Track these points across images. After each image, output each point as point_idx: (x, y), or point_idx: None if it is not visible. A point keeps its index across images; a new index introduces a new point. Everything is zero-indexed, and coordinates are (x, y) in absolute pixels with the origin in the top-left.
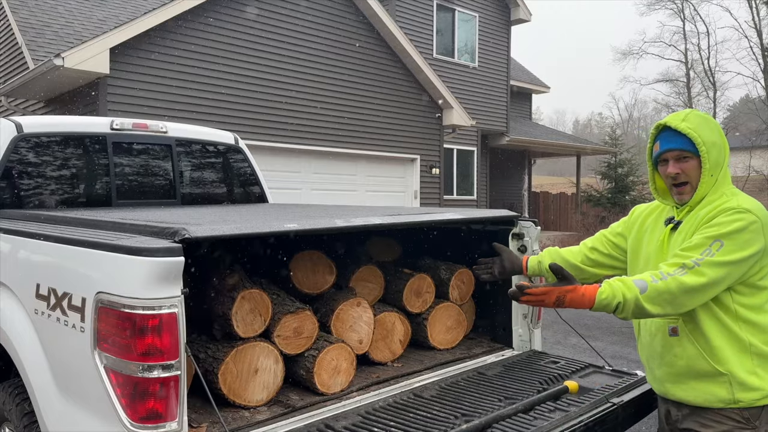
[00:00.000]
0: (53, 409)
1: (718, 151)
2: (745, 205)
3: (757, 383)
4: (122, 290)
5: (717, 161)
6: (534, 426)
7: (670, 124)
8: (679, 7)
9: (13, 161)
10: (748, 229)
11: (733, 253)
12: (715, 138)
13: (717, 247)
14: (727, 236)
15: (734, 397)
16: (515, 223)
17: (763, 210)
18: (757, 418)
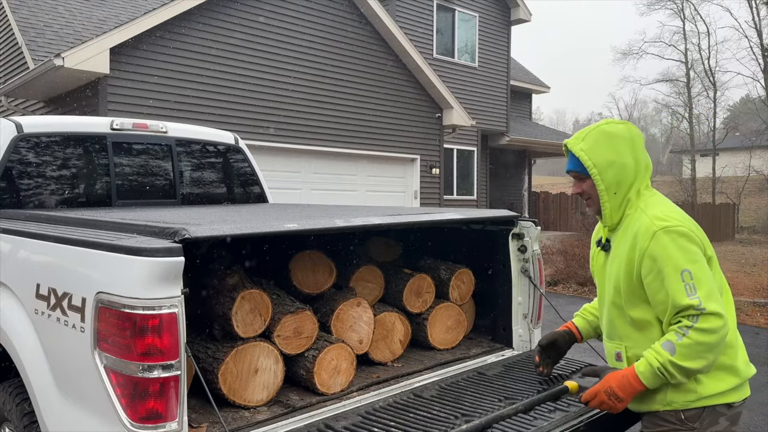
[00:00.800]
0: (53, 409)
1: (617, 170)
2: (667, 221)
3: (691, 386)
4: (122, 290)
5: (616, 180)
6: (534, 426)
7: (567, 144)
8: (679, 6)
9: (13, 161)
10: (685, 244)
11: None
12: (613, 157)
13: (689, 277)
14: (682, 262)
15: (667, 398)
16: (515, 223)
17: (676, 214)
18: (696, 420)
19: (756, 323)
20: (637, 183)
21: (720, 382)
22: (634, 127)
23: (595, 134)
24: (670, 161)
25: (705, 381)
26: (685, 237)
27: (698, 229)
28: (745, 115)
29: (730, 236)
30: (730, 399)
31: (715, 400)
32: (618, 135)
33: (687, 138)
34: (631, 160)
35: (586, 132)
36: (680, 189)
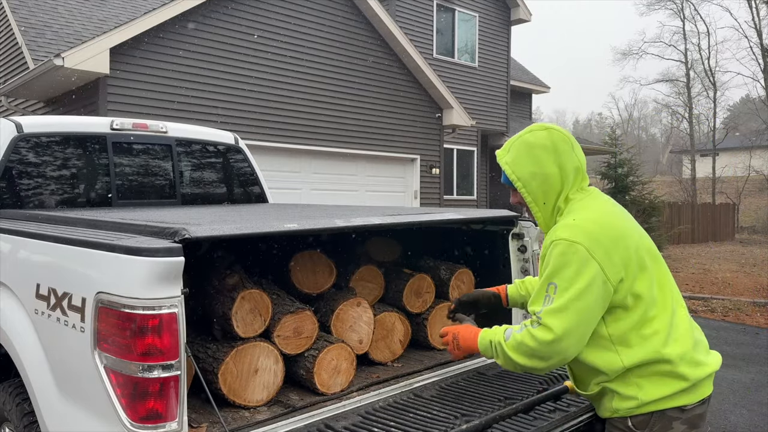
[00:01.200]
0: (53, 409)
1: (541, 181)
2: (563, 234)
3: (633, 392)
4: (122, 290)
5: (543, 190)
6: (534, 426)
7: (497, 155)
8: (679, 7)
9: (13, 161)
10: (569, 260)
11: (568, 290)
12: (535, 168)
13: (552, 290)
14: (555, 275)
15: (613, 406)
16: (515, 223)
17: (589, 229)
18: (645, 426)
19: (756, 323)
20: (565, 190)
21: (662, 387)
22: (558, 131)
23: (517, 145)
24: (670, 161)
25: (646, 386)
26: (572, 253)
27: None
28: (745, 115)
29: (730, 236)
30: (681, 402)
31: (661, 405)
32: (538, 144)
33: (687, 138)
34: (554, 169)
35: (511, 143)
36: (680, 189)
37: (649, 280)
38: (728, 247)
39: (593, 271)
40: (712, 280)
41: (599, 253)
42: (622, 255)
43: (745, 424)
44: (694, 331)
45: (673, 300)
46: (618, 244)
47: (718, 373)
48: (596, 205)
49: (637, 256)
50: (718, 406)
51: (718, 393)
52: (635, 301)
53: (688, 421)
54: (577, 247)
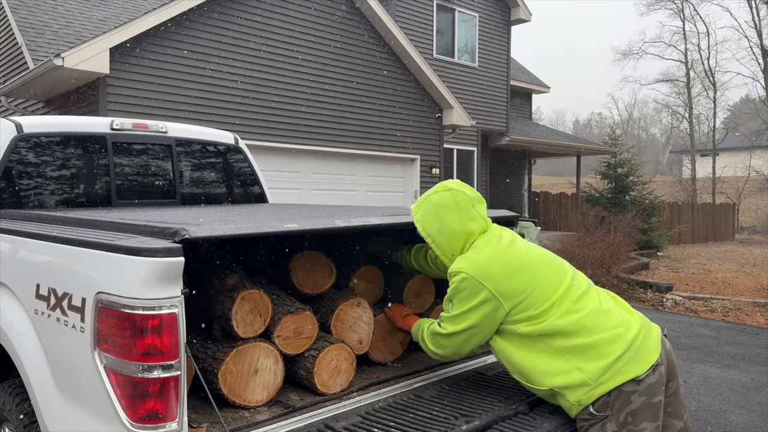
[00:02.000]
0: (53, 409)
1: (448, 236)
2: (457, 266)
3: (579, 378)
4: (122, 290)
5: (448, 245)
6: (534, 426)
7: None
8: (678, 7)
9: (13, 161)
10: (460, 287)
11: (459, 308)
12: (441, 226)
13: (449, 306)
14: (453, 296)
15: (571, 400)
16: (515, 223)
17: (480, 262)
18: (606, 407)
19: (756, 323)
20: (469, 241)
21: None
22: (460, 190)
23: (425, 205)
24: (670, 161)
25: (586, 366)
26: (463, 281)
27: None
28: (745, 115)
29: (730, 236)
30: (632, 374)
31: (614, 381)
32: (442, 204)
33: (687, 138)
34: (459, 226)
35: (420, 202)
36: (680, 189)
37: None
38: (728, 247)
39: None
40: (712, 280)
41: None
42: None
43: (745, 424)
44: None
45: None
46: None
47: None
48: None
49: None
50: (718, 406)
51: (718, 393)
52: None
53: (645, 392)
54: (466, 276)
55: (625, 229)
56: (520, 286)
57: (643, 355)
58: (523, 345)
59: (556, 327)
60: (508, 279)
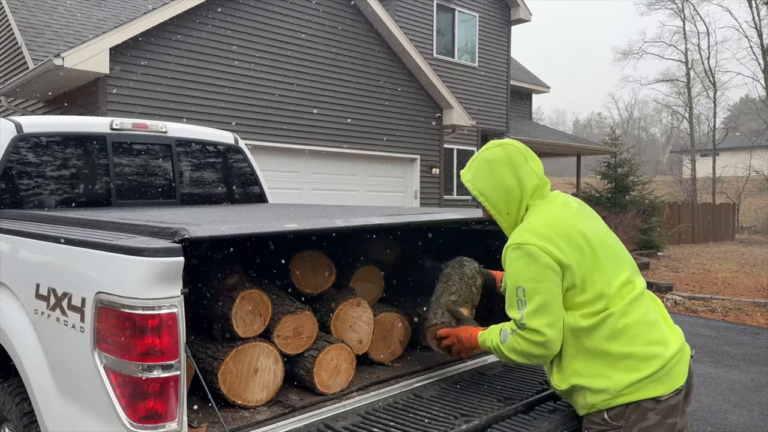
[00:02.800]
0: (53, 409)
1: (502, 194)
2: (518, 238)
3: (603, 385)
4: (122, 290)
5: (504, 203)
6: (534, 426)
7: (461, 176)
8: (679, 6)
9: (13, 161)
10: (527, 262)
11: (537, 291)
12: (495, 182)
13: (522, 294)
14: (519, 280)
15: (588, 402)
16: None
17: (541, 230)
18: (621, 418)
19: (756, 323)
20: (525, 199)
21: (629, 373)
22: (512, 145)
23: (476, 163)
24: (670, 161)
25: (614, 376)
26: (530, 256)
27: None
28: (745, 115)
29: (730, 236)
30: (655, 393)
31: (636, 396)
32: (495, 160)
33: (687, 138)
34: (513, 182)
35: (471, 162)
36: (680, 189)
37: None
38: (728, 247)
39: (551, 267)
40: (712, 280)
41: (554, 250)
42: (579, 253)
43: (745, 424)
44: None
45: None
46: (573, 242)
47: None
48: (549, 208)
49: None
50: (718, 406)
51: (718, 393)
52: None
53: (663, 411)
54: (531, 248)
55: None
56: (578, 262)
57: (671, 377)
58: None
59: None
60: (570, 250)
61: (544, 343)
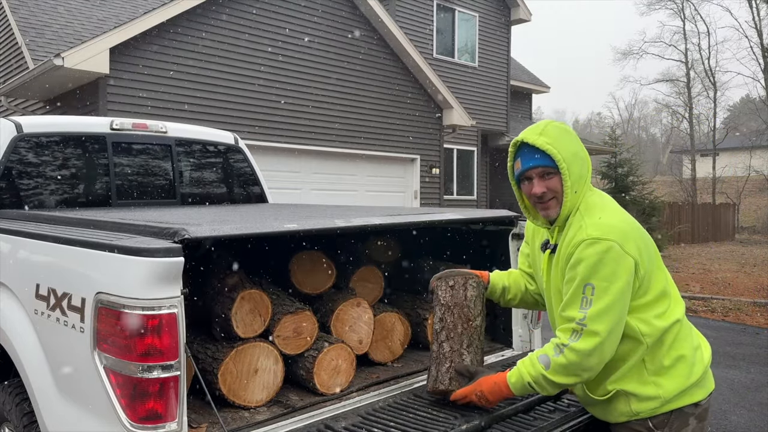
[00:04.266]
0: (53, 409)
1: (580, 164)
2: (596, 232)
3: (653, 392)
4: (122, 290)
5: (580, 175)
6: (534, 426)
7: (527, 140)
8: (679, 6)
9: (13, 161)
10: (605, 260)
11: (607, 291)
12: (576, 148)
13: (590, 292)
14: (591, 276)
15: (632, 409)
16: (515, 224)
17: (619, 227)
18: (664, 426)
19: (756, 323)
20: (588, 181)
21: (678, 381)
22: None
23: (552, 129)
24: (670, 161)
25: (664, 383)
26: (608, 253)
27: (639, 240)
28: (745, 115)
29: (730, 236)
30: (696, 398)
31: (680, 402)
32: (571, 131)
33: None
34: (586, 155)
35: (542, 127)
36: (680, 189)
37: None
38: (728, 247)
39: (629, 268)
40: (712, 280)
41: (632, 249)
42: (647, 251)
43: (745, 424)
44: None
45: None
46: (643, 240)
47: (718, 373)
48: (612, 204)
49: (654, 252)
50: (718, 406)
51: (718, 393)
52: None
53: (700, 416)
54: (612, 245)
55: None
56: (647, 261)
57: (707, 380)
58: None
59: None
60: (644, 248)
61: (600, 349)
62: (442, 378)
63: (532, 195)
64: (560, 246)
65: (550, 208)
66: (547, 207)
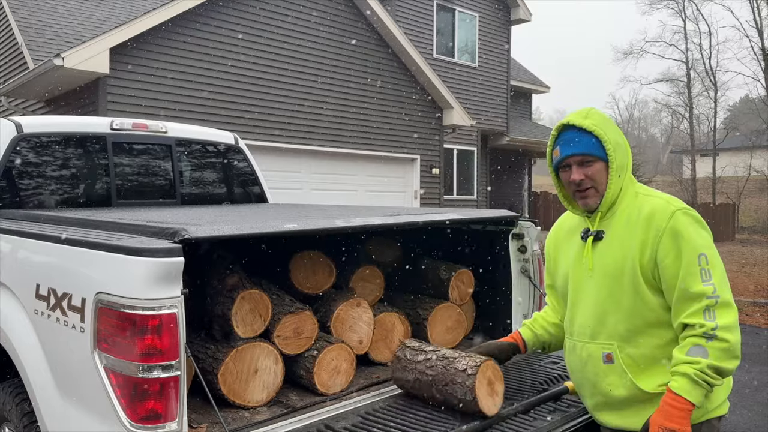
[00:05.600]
0: (53, 409)
1: (623, 152)
2: (679, 204)
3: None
4: (122, 290)
5: (623, 162)
6: (534, 426)
7: (573, 122)
8: (680, 6)
9: (13, 161)
10: (701, 227)
11: (716, 257)
12: (619, 138)
13: (704, 261)
14: (700, 246)
15: None
16: (515, 224)
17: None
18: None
19: (756, 323)
20: (629, 170)
21: (725, 389)
22: None
23: (596, 114)
24: (670, 161)
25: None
26: (700, 223)
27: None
28: (746, 115)
29: (731, 236)
30: (723, 411)
31: (713, 414)
32: (610, 119)
33: (687, 138)
34: (626, 144)
35: (586, 112)
36: (680, 189)
37: None
38: (728, 247)
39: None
40: None
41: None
42: None
43: (745, 424)
44: None
45: None
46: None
47: None
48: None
49: None
50: None
51: None
52: None
53: (719, 429)
54: (697, 215)
55: None
56: None
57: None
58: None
59: None
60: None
61: (736, 323)
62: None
63: (571, 182)
64: (615, 228)
65: (589, 197)
66: (586, 195)
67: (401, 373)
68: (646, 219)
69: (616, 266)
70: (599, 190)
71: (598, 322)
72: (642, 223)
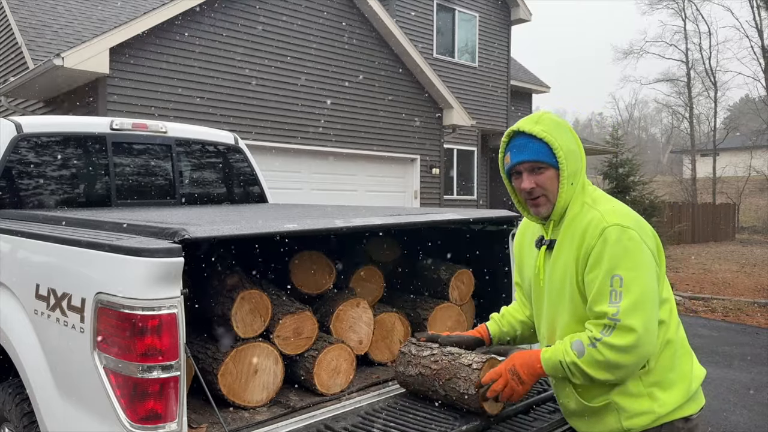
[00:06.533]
0: (53, 409)
1: (575, 158)
2: (615, 219)
3: (647, 406)
4: (122, 291)
5: (575, 169)
6: (534, 426)
7: (523, 128)
8: (680, 6)
9: (13, 161)
10: (630, 248)
11: (636, 281)
12: (571, 144)
13: (618, 283)
14: (617, 266)
15: (623, 425)
16: (515, 224)
17: (634, 217)
18: None
19: (756, 323)
20: (584, 175)
21: (676, 395)
22: None
23: (548, 119)
24: (670, 161)
25: (661, 397)
26: (632, 240)
27: (651, 233)
28: (746, 115)
29: (731, 236)
30: (687, 412)
31: (672, 416)
32: (566, 124)
33: (687, 138)
34: (581, 149)
35: (537, 117)
36: (680, 189)
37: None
38: (728, 247)
39: (650, 256)
40: (712, 280)
41: (650, 242)
42: (658, 251)
43: (745, 424)
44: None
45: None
46: (655, 239)
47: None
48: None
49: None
50: (719, 406)
51: (718, 393)
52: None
53: (689, 430)
54: (632, 233)
55: None
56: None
57: (700, 394)
58: None
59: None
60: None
61: (636, 347)
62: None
63: (522, 190)
64: (561, 239)
65: (540, 206)
66: (537, 204)
67: (404, 368)
68: (581, 235)
69: (561, 279)
70: (550, 199)
71: (551, 333)
72: (577, 239)
